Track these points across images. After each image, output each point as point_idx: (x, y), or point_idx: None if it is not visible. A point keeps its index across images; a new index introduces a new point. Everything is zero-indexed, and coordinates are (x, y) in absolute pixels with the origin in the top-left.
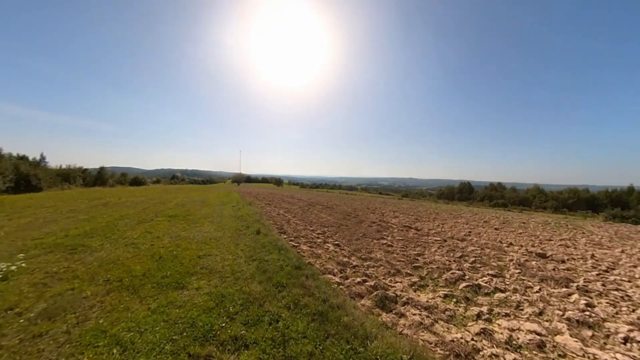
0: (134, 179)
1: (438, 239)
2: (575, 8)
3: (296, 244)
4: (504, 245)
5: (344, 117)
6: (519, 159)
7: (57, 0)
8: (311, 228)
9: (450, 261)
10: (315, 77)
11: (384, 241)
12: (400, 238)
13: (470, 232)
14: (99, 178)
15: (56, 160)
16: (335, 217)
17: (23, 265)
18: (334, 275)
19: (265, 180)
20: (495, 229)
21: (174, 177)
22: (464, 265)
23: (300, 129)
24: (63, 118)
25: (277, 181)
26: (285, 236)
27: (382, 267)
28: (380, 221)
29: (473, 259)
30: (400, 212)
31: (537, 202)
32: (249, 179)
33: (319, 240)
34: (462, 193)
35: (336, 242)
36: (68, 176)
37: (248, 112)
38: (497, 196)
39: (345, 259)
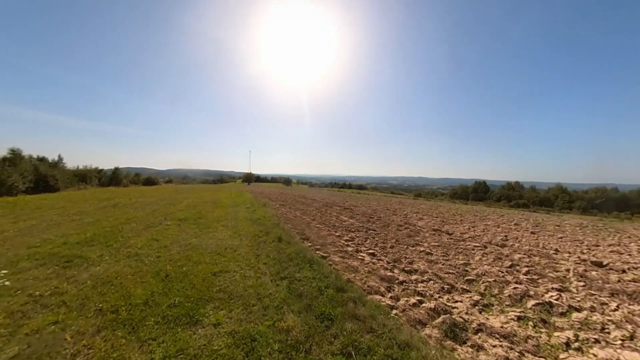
0: (147, 179)
1: (477, 244)
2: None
3: (325, 254)
4: (551, 252)
5: (352, 115)
6: (532, 157)
7: (70, 6)
8: (337, 234)
9: (502, 272)
10: (323, 75)
11: (421, 248)
12: (436, 244)
13: (506, 236)
14: (113, 178)
15: (75, 161)
16: (357, 220)
17: (6, 284)
18: (382, 295)
19: (274, 179)
20: (532, 232)
21: (185, 177)
22: (520, 277)
23: (308, 128)
24: (81, 122)
25: (286, 181)
26: (309, 244)
27: (432, 282)
28: (406, 224)
29: (526, 269)
30: (423, 214)
31: (560, 203)
32: (258, 179)
33: (349, 249)
34: (477, 193)
35: (370, 251)
36: (84, 176)
37: (256, 112)
38: (515, 196)
39: (388, 273)
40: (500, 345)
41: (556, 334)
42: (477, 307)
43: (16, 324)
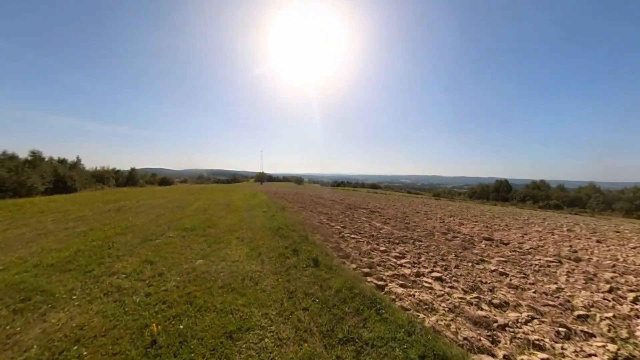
0: (163, 179)
1: (548, 259)
2: None
3: (380, 282)
4: (639, 267)
5: (363, 113)
6: (550, 154)
7: (93, 19)
8: (381, 248)
9: (608, 300)
10: (332, 73)
11: (490, 266)
12: (502, 259)
13: (571, 246)
14: (130, 178)
15: (99, 163)
16: (394, 227)
17: None
18: (493, 355)
19: (286, 179)
20: (597, 241)
21: (200, 177)
22: (637, 306)
23: (318, 127)
24: (103, 126)
25: (298, 180)
26: (354, 265)
27: (537, 322)
28: (449, 231)
29: (631, 294)
30: (460, 217)
31: (593, 203)
32: (270, 178)
33: (407, 271)
34: (499, 192)
35: (434, 274)
36: (102, 177)
37: (267, 112)
38: (542, 196)
39: (478, 312)
40: None
41: None
42: None
43: None
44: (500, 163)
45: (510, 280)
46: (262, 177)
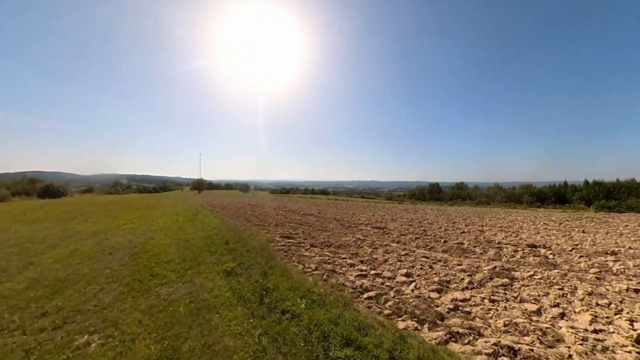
0: (46, 188)
1: (612, 258)
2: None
3: None
4: None
5: (307, 120)
6: (448, 159)
7: None
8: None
9: None
10: (279, 78)
11: (620, 285)
12: (596, 271)
13: (584, 239)
14: None
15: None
16: (447, 252)
17: None
18: None
19: (229, 186)
20: (584, 232)
21: (117, 184)
22: None
23: (262, 131)
24: None
25: (244, 187)
26: None
27: None
28: (495, 244)
29: None
30: (467, 224)
31: (498, 198)
32: (211, 185)
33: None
34: (433, 193)
35: None
36: None
37: (205, 113)
38: (464, 195)
39: None
40: None
41: None
42: None
43: None
44: (424, 168)
45: None
46: (200, 185)
